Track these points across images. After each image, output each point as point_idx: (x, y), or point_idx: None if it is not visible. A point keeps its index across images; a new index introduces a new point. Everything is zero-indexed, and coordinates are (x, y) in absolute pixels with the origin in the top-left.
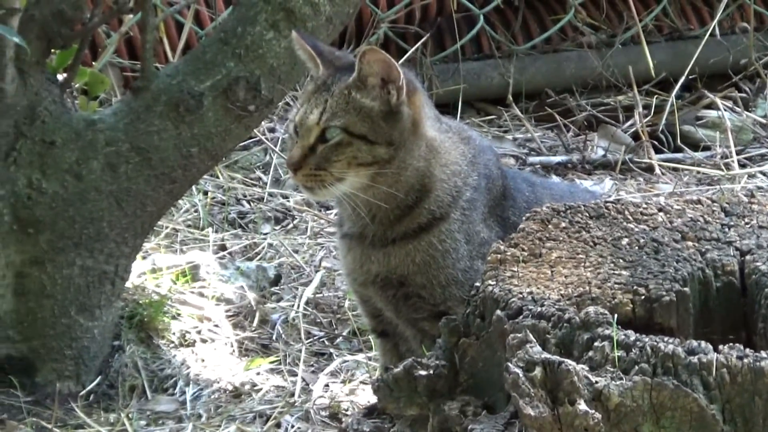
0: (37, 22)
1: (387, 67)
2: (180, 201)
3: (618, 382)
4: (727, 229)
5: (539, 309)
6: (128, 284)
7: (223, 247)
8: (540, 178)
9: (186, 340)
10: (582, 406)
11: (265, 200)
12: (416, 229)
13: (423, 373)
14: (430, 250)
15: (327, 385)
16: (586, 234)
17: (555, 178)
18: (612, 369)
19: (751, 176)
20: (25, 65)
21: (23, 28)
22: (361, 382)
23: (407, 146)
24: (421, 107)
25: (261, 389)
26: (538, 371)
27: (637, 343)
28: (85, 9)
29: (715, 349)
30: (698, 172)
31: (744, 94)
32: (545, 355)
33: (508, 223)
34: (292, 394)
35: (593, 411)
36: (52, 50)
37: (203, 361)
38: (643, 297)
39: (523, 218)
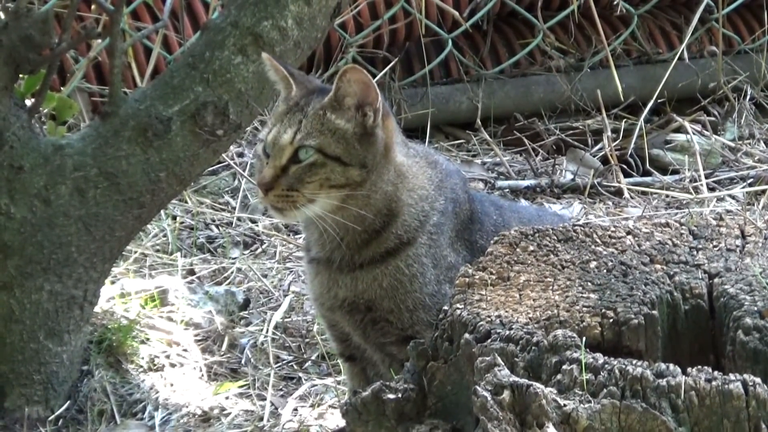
0: (5, 47)
1: (366, 88)
2: (148, 226)
3: (586, 405)
4: (695, 252)
5: (507, 332)
6: (97, 309)
7: (191, 272)
8: (508, 202)
9: (155, 365)
10: (551, 429)
11: (233, 225)
12: (383, 254)
13: (391, 396)
14: (397, 275)
15: (296, 409)
16: (554, 257)
17: (524, 202)
18: (580, 392)
19: (719, 199)
20: None
21: None
22: (330, 406)
23: (378, 169)
24: (393, 131)
25: (230, 413)
26: (506, 394)
27: (606, 366)
28: (53, 34)
29: (684, 372)
30: (667, 196)
31: (713, 118)
32: (513, 378)
33: (475, 247)
34: (261, 419)
35: None
36: (20, 75)
37: (172, 385)
38: (611, 320)
39: (491, 242)
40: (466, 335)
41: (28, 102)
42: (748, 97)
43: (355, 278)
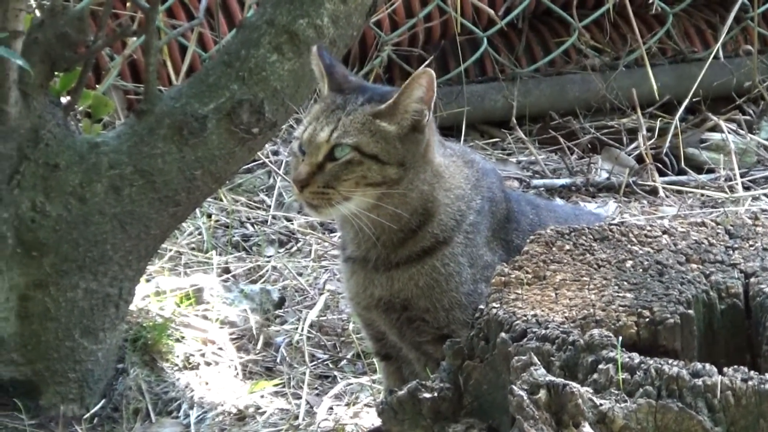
0: (41, 44)
1: (432, 91)
2: (184, 224)
3: (622, 405)
4: (731, 252)
5: (543, 331)
6: (132, 307)
7: (226, 270)
8: (544, 201)
9: (190, 363)
10: (586, 428)
11: (268, 223)
12: (420, 253)
13: (427, 395)
14: (433, 274)
15: (331, 408)
16: (590, 256)
17: (559, 201)
18: (616, 391)
19: (755, 198)
20: (28, 88)
21: (27, 51)
22: (366, 405)
23: (416, 168)
24: (433, 131)
25: (265, 412)
26: (542, 394)
27: (642, 365)
28: (88, 32)
29: (720, 372)
30: (702, 195)
31: (748, 117)
32: (549, 377)
33: (511, 246)
34: (296, 417)
35: None
36: (56, 73)
37: (207, 384)
38: (647, 319)
39: (527, 241)
40: (502, 334)
41: (64, 100)
42: None
43: (390, 277)
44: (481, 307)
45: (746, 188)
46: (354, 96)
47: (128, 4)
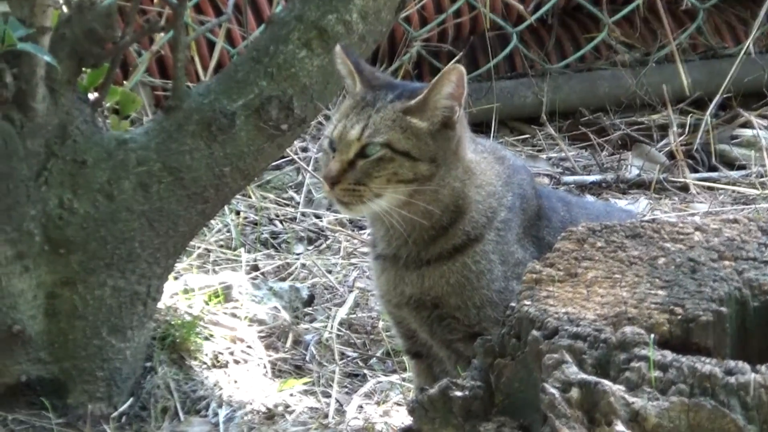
0: (68, 40)
1: (462, 86)
2: (212, 221)
3: (655, 403)
4: (764, 249)
5: (575, 329)
6: (160, 305)
7: (255, 268)
8: (575, 198)
9: (218, 362)
10: (619, 426)
11: (297, 220)
12: (451, 250)
13: (458, 394)
14: (464, 272)
15: (361, 407)
16: (622, 253)
17: (589, 198)
18: (649, 389)
19: None
20: (56, 84)
21: (54, 47)
22: (396, 403)
23: (448, 165)
24: (465, 128)
25: (294, 411)
26: (574, 392)
27: (675, 363)
28: (116, 28)
29: (753, 369)
30: (734, 191)
31: None
32: (582, 375)
33: (543, 243)
34: (326, 416)
35: None
36: (83, 69)
37: (236, 382)
38: (680, 317)
39: (559, 238)
40: (534, 332)
41: (91, 96)
42: None
43: (421, 275)
44: (513, 304)
45: None
46: (383, 92)
47: (156, 0)
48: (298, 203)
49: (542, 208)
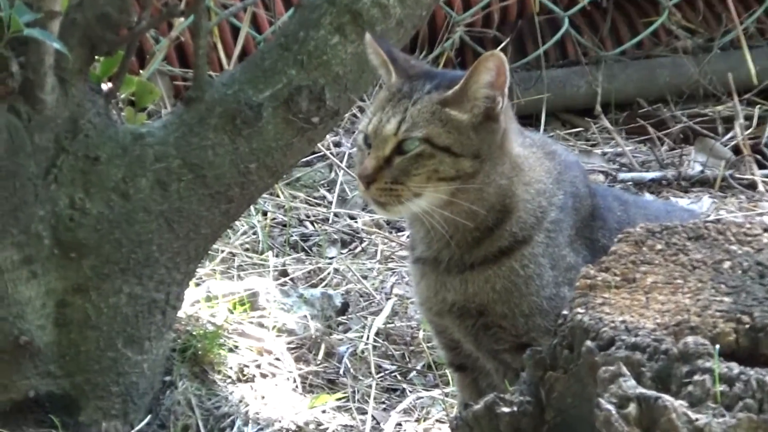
0: (80, 26)
1: (503, 75)
2: (237, 222)
3: (720, 420)
4: None
5: (633, 339)
6: (180, 314)
7: (284, 273)
8: (633, 196)
9: (244, 375)
10: None
11: (330, 221)
12: (497, 253)
13: (506, 410)
14: (511, 277)
15: (399, 424)
16: (684, 257)
17: (648, 196)
18: (714, 405)
19: None
20: (66, 74)
21: (64, 33)
22: (438, 421)
23: (493, 160)
24: (511, 119)
25: (327, 429)
26: (632, 408)
27: (741, 376)
28: (132, 12)
29: None
30: None
31: None
32: (640, 389)
33: (597, 246)
34: None
35: None
36: (96, 57)
37: (263, 398)
38: (747, 326)
39: (615, 240)
40: (588, 342)
41: (105, 87)
42: None
43: (465, 280)
44: (565, 312)
45: None
46: (421, 82)
47: None
48: (331, 203)
49: (596, 207)
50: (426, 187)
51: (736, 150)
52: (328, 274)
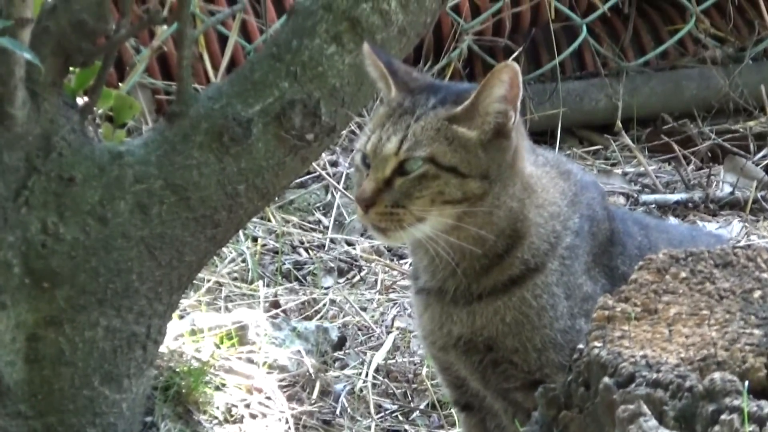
0: (53, 34)
1: (517, 88)
2: (224, 249)
3: None
4: None
5: (655, 375)
6: (163, 349)
7: (275, 304)
8: (654, 220)
9: (232, 416)
10: None
11: (326, 248)
12: (507, 283)
13: None
14: (523, 308)
15: None
16: (710, 286)
17: (673, 220)
18: None
19: None
20: (38, 87)
21: (36, 42)
22: None
23: (503, 181)
24: (522, 136)
25: None
26: None
27: None
28: (110, 19)
29: None
30: None
31: None
32: (662, 430)
33: (616, 274)
34: None
35: None
36: (71, 69)
37: None
38: None
39: (636, 267)
40: (606, 379)
41: (80, 101)
42: None
43: (472, 312)
44: (581, 346)
45: None
46: (424, 97)
47: None
48: (327, 228)
49: (615, 232)
50: (430, 210)
51: None
52: (324, 305)
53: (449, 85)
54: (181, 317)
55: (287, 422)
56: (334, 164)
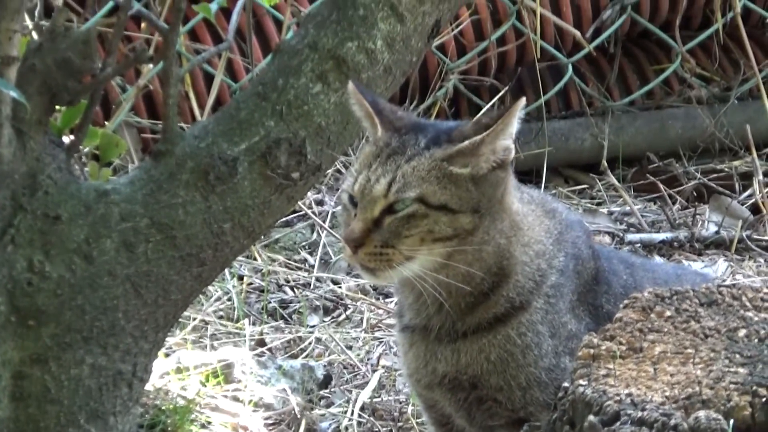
0: (39, 73)
1: (517, 122)
2: (210, 288)
3: None
4: None
5: (640, 414)
6: (148, 387)
7: (261, 343)
8: (640, 259)
9: None
10: None
11: (311, 286)
12: (491, 320)
13: None
14: (507, 346)
15: None
16: (695, 324)
17: (658, 260)
18: None
19: None
20: (24, 125)
21: (22, 80)
22: None
23: (492, 215)
24: (509, 172)
25: None
26: None
27: None
28: (96, 58)
29: None
30: None
31: None
32: None
33: (601, 313)
34: None
35: None
36: (57, 107)
37: None
38: (764, 399)
39: (621, 306)
40: (591, 417)
41: (66, 139)
42: None
43: (457, 350)
44: (565, 385)
45: None
46: (412, 137)
47: (143, 25)
48: (312, 266)
49: (600, 271)
50: (419, 249)
51: (755, 209)
52: (310, 343)
53: (435, 124)
54: (167, 355)
55: None
56: (319, 203)
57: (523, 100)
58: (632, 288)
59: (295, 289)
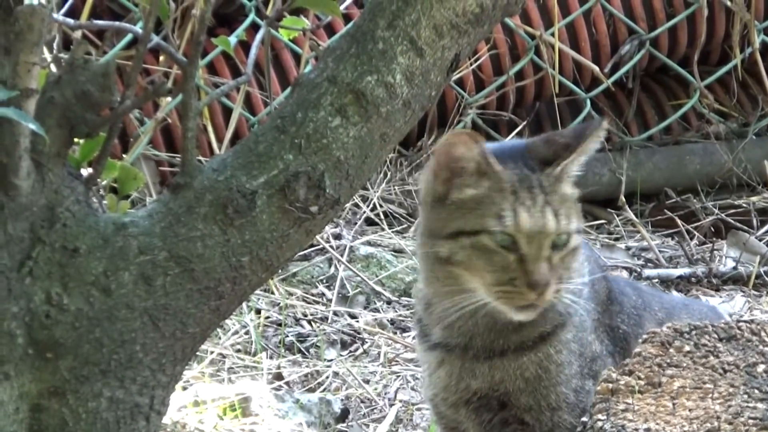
0: (58, 105)
1: None
2: (228, 321)
3: None
4: None
5: None
6: (166, 419)
7: (279, 376)
8: (644, 285)
9: None
10: None
11: (329, 320)
12: (536, 339)
13: None
14: (544, 363)
15: None
16: (714, 359)
17: (676, 295)
18: None
19: None
20: (42, 157)
21: (41, 113)
22: None
23: None
24: None
25: None
26: None
27: None
28: (114, 90)
29: None
30: None
31: None
32: None
33: (617, 334)
34: None
35: None
36: (76, 140)
37: None
38: None
39: (639, 341)
40: None
41: (85, 172)
42: None
43: (492, 366)
44: (584, 419)
45: None
46: (521, 164)
47: (162, 58)
48: (330, 300)
49: (612, 291)
50: (571, 279)
51: None
52: (327, 377)
53: (503, 147)
54: (185, 388)
55: None
56: (337, 237)
57: (603, 125)
58: (642, 309)
59: (313, 323)
